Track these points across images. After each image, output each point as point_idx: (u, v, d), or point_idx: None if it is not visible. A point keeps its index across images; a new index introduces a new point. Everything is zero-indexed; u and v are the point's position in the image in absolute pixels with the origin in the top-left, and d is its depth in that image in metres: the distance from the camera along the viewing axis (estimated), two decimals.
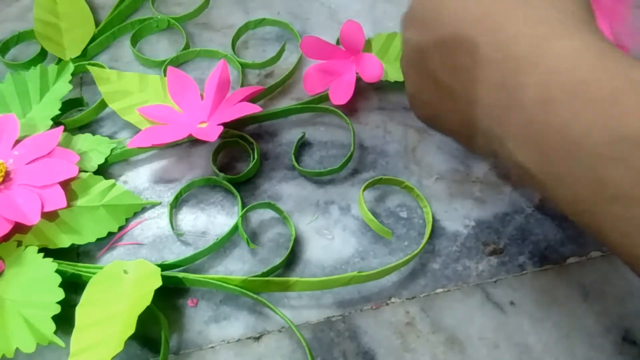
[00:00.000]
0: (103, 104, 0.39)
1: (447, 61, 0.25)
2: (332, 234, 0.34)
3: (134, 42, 0.44)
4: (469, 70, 0.24)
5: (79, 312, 0.29)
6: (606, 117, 0.19)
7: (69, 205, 0.33)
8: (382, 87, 0.41)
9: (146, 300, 0.29)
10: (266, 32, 0.45)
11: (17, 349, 0.28)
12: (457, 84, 0.25)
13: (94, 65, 0.41)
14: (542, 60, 0.21)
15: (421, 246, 0.33)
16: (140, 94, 0.39)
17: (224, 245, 0.34)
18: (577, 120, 0.20)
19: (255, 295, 0.31)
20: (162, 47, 0.44)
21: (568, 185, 0.21)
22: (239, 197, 0.35)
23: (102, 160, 0.36)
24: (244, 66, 0.42)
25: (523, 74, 0.21)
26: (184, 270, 0.32)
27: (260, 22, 0.45)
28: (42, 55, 0.42)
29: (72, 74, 0.40)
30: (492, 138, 0.24)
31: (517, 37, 0.22)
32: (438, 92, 0.27)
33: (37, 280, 0.30)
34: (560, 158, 0.21)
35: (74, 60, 0.41)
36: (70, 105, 0.39)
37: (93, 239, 0.33)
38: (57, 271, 0.30)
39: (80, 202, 0.34)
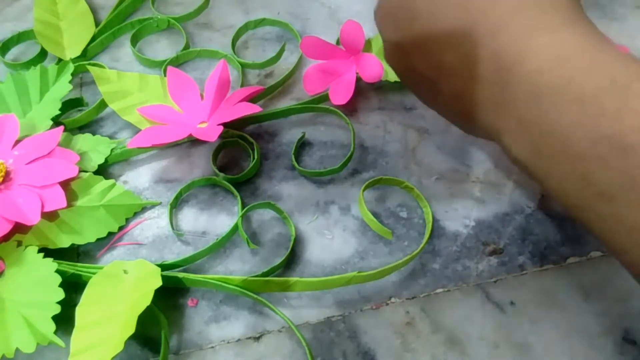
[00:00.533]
0: (103, 104, 0.39)
1: (430, 59, 0.24)
2: (332, 234, 0.34)
3: (134, 42, 0.44)
4: (456, 67, 0.23)
5: (79, 312, 0.29)
6: (588, 117, 0.19)
7: (69, 205, 0.33)
8: (382, 87, 0.41)
9: (146, 300, 0.29)
10: (266, 32, 0.45)
11: (17, 349, 0.28)
12: (445, 81, 0.24)
13: (94, 65, 0.41)
14: (527, 56, 0.21)
15: (421, 246, 0.33)
16: (140, 94, 0.39)
17: (224, 245, 0.34)
18: (564, 118, 0.20)
19: (255, 295, 0.31)
20: (162, 47, 0.44)
21: (558, 180, 0.21)
22: (239, 197, 0.35)
23: (102, 160, 0.36)
24: (244, 66, 0.42)
25: (510, 72, 0.21)
26: (184, 270, 0.32)
27: (260, 22, 0.45)
28: (42, 55, 0.42)
29: (72, 74, 0.39)
30: (490, 130, 0.24)
31: (500, 30, 0.21)
32: (427, 86, 0.26)
33: (37, 280, 0.30)
34: (549, 154, 0.21)
35: (74, 60, 0.41)
36: (70, 105, 0.39)
37: (93, 239, 0.33)
38: (57, 271, 0.30)
39: (80, 202, 0.34)
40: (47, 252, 0.31)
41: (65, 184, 0.34)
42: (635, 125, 0.18)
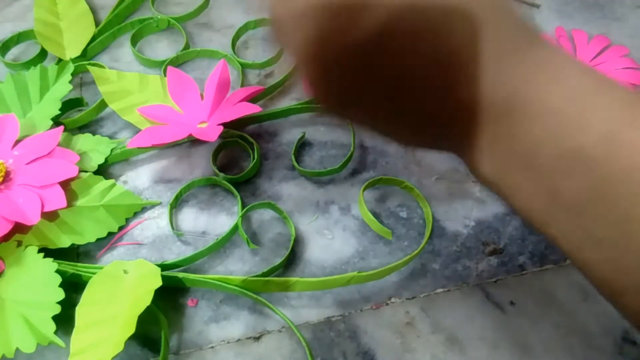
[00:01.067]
0: (103, 104, 0.39)
1: (417, 69, 0.20)
2: (332, 234, 0.34)
3: (134, 42, 0.44)
4: (444, 83, 0.20)
5: (79, 312, 0.29)
6: (553, 130, 0.19)
7: (69, 205, 0.33)
8: None
9: (146, 300, 0.29)
10: (266, 32, 0.45)
11: (17, 349, 0.28)
12: (429, 96, 0.21)
13: (94, 65, 0.41)
14: (511, 77, 0.20)
15: (421, 246, 0.33)
16: (140, 94, 0.39)
17: (224, 245, 0.34)
18: (531, 132, 0.20)
19: (255, 295, 0.31)
20: (162, 47, 0.44)
21: (524, 197, 0.21)
22: (239, 197, 0.35)
23: (102, 160, 0.36)
24: (244, 66, 0.42)
25: (494, 90, 0.20)
26: (184, 270, 0.32)
27: (260, 22, 0.45)
28: (42, 55, 0.42)
29: (72, 74, 0.40)
30: (459, 145, 0.23)
31: (500, 55, 0.21)
32: (390, 101, 0.21)
33: (37, 280, 0.30)
34: (517, 169, 0.21)
35: (74, 60, 0.41)
36: (70, 105, 0.39)
37: (93, 239, 0.33)
38: (57, 271, 0.30)
39: (80, 202, 0.34)
40: (47, 252, 0.31)
41: (65, 184, 0.34)
42: (598, 138, 0.18)
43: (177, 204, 0.36)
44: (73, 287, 0.31)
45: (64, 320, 0.29)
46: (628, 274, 0.19)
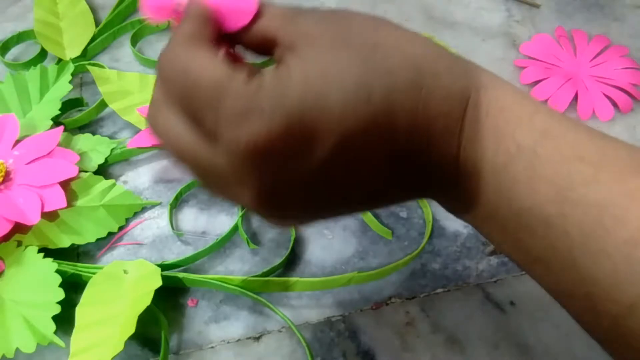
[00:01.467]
0: (103, 104, 0.39)
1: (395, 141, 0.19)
2: (332, 234, 0.34)
3: (134, 42, 0.44)
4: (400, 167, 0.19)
5: (79, 312, 0.29)
6: (505, 187, 0.19)
7: (69, 205, 0.33)
8: None
9: (146, 300, 0.29)
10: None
11: (17, 349, 0.28)
12: (409, 163, 0.20)
13: (94, 65, 0.41)
14: (455, 140, 0.19)
15: (421, 246, 0.33)
16: (140, 94, 0.39)
17: (224, 245, 0.34)
18: (489, 191, 0.19)
19: (255, 295, 0.31)
20: (162, 47, 0.44)
21: (497, 244, 0.21)
22: None
23: (102, 160, 0.36)
24: None
25: (444, 158, 0.20)
26: (184, 270, 0.32)
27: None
28: (42, 55, 0.42)
29: (72, 74, 0.39)
30: (438, 201, 0.23)
31: (477, 104, 0.19)
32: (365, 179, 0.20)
33: (37, 280, 0.30)
34: (487, 221, 0.20)
35: (74, 60, 0.41)
36: (70, 105, 0.39)
37: (93, 239, 0.33)
38: (57, 271, 0.30)
39: (80, 202, 0.34)
40: (47, 252, 0.31)
41: (65, 184, 0.34)
42: (550, 194, 0.18)
43: (177, 204, 0.36)
44: (73, 287, 0.31)
45: (64, 320, 0.29)
46: (596, 331, 0.19)
